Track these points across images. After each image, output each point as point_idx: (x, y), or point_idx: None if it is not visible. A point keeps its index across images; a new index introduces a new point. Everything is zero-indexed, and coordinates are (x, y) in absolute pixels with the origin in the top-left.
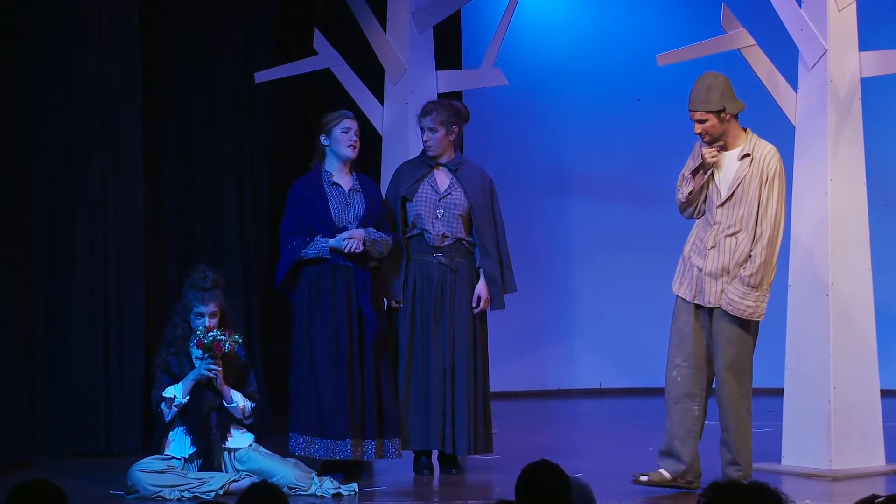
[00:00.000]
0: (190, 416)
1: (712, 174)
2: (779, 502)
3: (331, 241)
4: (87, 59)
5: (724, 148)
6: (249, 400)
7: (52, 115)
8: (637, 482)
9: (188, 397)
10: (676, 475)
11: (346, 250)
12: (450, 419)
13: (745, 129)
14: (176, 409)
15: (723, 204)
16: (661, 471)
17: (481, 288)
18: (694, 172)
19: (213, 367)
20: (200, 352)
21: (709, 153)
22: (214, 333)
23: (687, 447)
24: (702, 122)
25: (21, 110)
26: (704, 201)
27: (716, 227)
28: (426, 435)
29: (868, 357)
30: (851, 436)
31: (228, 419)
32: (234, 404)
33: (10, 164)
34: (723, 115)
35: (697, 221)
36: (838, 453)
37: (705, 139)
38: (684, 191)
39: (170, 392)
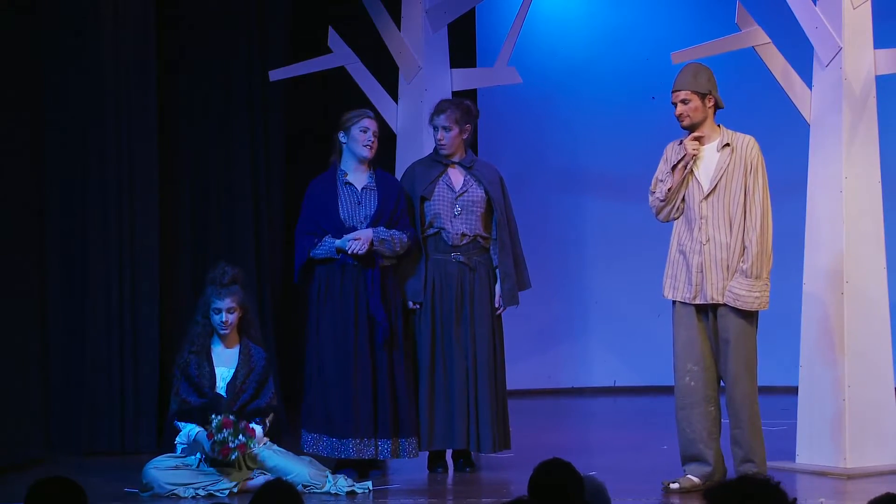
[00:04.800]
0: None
1: (691, 170)
2: (780, 498)
3: (337, 242)
4: (103, 59)
5: (701, 141)
6: (267, 410)
7: (68, 115)
8: (668, 491)
9: (195, 450)
10: (704, 478)
11: (349, 251)
12: (474, 418)
13: (719, 125)
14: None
15: (706, 197)
16: (690, 476)
17: (499, 290)
18: (674, 167)
19: (221, 457)
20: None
21: (691, 145)
22: (225, 434)
23: (711, 448)
24: (685, 102)
25: (40, 111)
26: (683, 200)
27: (702, 221)
28: (450, 435)
29: (883, 355)
30: (866, 434)
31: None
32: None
33: (30, 164)
34: (707, 98)
35: (676, 223)
36: (853, 451)
37: (684, 122)
38: (663, 188)
39: (181, 438)
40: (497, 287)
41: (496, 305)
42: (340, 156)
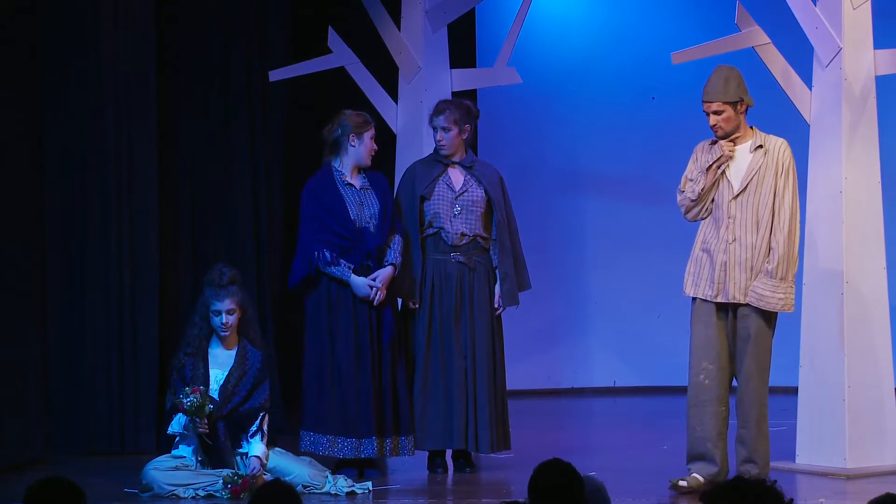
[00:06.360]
0: (199, 435)
1: (723, 171)
2: (777, 498)
3: (354, 280)
4: (103, 59)
5: (734, 142)
6: (258, 411)
7: (68, 115)
8: (676, 488)
9: (188, 431)
10: (710, 477)
11: (373, 301)
12: (472, 418)
13: (752, 127)
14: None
15: (736, 197)
16: (695, 475)
17: (499, 290)
18: (709, 168)
19: (199, 428)
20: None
21: (727, 146)
22: (192, 399)
23: (719, 449)
24: (718, 113)
25: (39, 111)
26: (712, 200)
27: (730, 220)
28: (448, 435)
29: (883, 356)
30: (866, 434)
31: (237, 427)
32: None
33: (30, 164)
34: (739, 106)
35: (703, 221)
36: (853, 452)
37: (718, 133)
38: (696, 189)
39: (175, 428)
40: (496, 287)
41: (495, 306)
42: (338, 156)
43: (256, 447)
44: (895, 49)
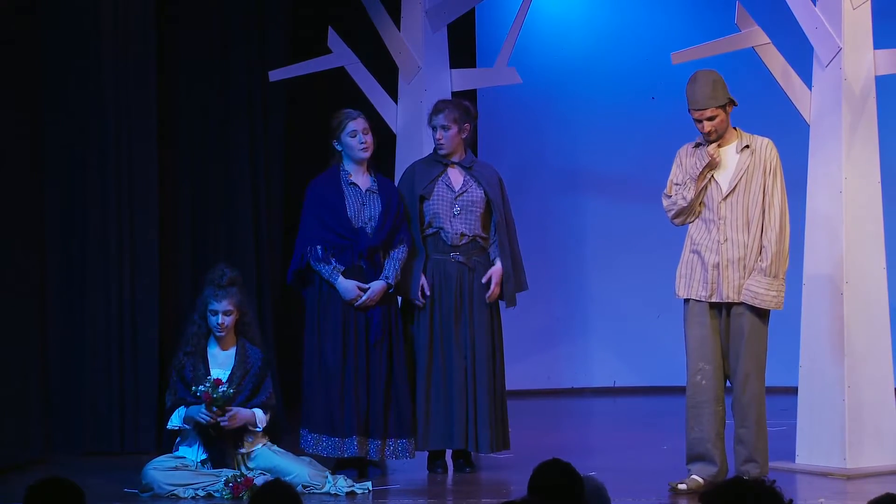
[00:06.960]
0: (200, 430)
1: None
2: (776, 499)
3: (340, 283)
4: (102, 58)
5: (719, 144)
6: (263, 409)
7: (68, 115)
8: (676, 491)
9: (189, 426)
10: (710, 478)
11: (355, 305)
12: (472, 418)
13: (734, 128)
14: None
15: (725, 198)
16: (695, 476)
17: (495, 271)
18: (699, 175)
19: (206, 416)
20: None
21: (715, 151)
22: (223, 388)
23: (718, 449)
24: (712, 119)
25: (40, 111)
26: (701, 203)
27: (721, 221)
28: (449, 435)
29: (883, 356)
30: (866, 434)
31: (239, 428)
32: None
33: (30, 164)
34: (727, 107)
35: (691, 224)
36: (853, 452)
37: (712, 137)
38: (687, 196)
39: (175, 422)
40: (491, 269)
41: (484, 284)
42: (341, 159)
43: (257, 412)
44: (895, 49)
